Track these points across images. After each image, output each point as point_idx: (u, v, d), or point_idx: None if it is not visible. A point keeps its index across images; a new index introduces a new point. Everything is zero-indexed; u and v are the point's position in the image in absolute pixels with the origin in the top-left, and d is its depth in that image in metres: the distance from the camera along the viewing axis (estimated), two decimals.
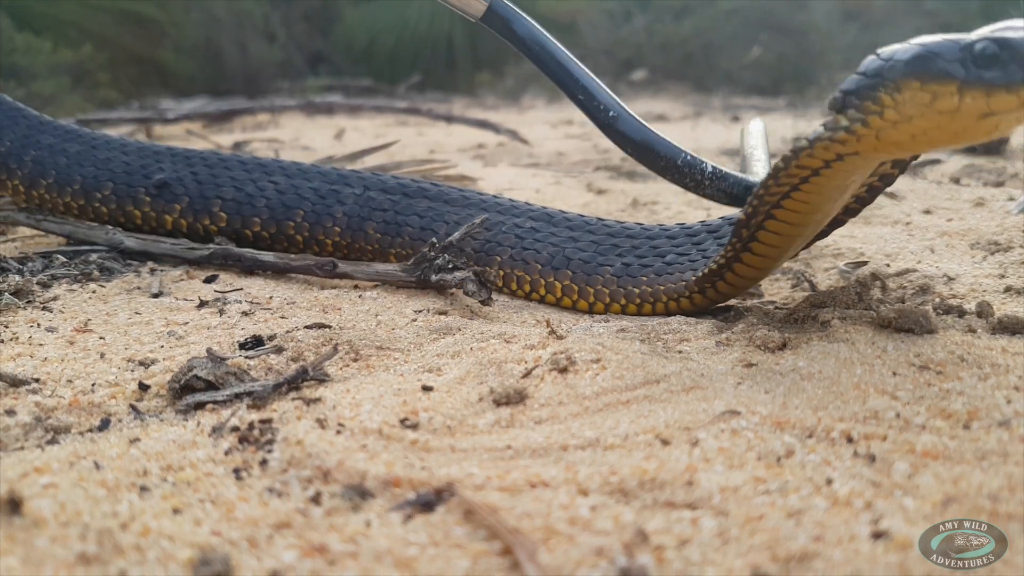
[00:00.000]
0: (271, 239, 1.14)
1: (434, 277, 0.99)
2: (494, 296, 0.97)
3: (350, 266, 1.04)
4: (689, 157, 0.92)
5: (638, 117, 0.94)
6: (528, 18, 0.97)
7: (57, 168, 1.16)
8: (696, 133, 3.00)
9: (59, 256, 1.07)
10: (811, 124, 3.23)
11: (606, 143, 2.84)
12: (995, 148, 2.12)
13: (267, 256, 1.08)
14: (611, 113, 0.93)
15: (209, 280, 1.04)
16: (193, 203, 1.14)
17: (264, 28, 4.87)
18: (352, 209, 1.12)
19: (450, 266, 0.99)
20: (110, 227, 1.14)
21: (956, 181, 1.80)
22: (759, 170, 1.07)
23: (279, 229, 1.13)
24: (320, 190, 1.13)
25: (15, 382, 0.69)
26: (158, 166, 1.16)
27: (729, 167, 2.14)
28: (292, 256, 1.07)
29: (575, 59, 0.97)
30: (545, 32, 0.98)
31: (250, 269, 1.08)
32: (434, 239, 1.02)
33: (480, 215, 1.06)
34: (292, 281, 1.05)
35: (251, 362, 0.75)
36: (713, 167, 0.94)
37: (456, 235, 1.02)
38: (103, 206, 1.16)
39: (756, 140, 1.18)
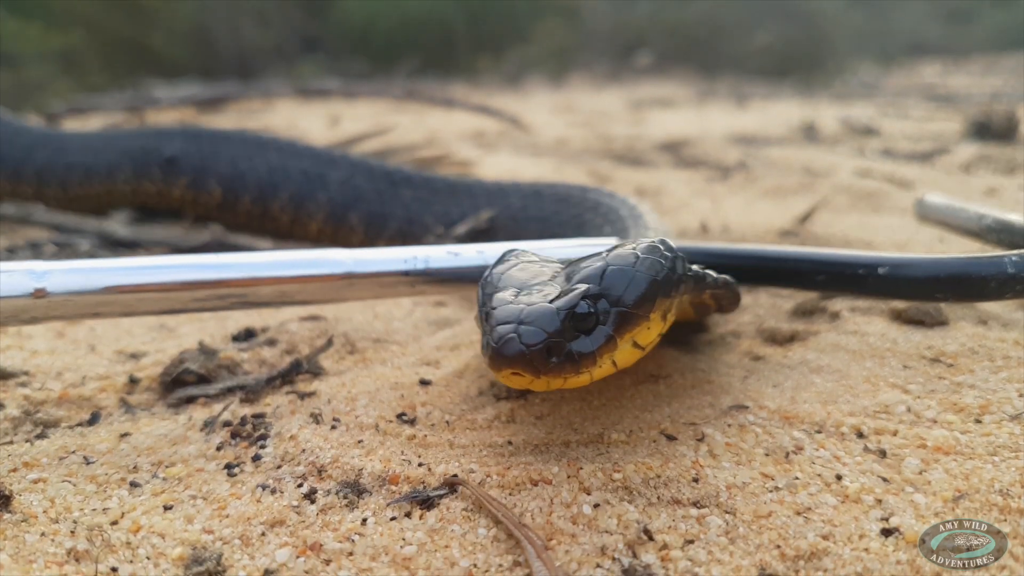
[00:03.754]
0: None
1: None
2: None
3: None
4: (1016, 258, 0.65)
5: (898, 255, 0.69)
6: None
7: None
8: (703, 119, 2.98)
9: (49, 245, 1.05)
10: (819, 110, 3.20)
11: (610, 130, 2.81)
12: (1006, 136, 2.10)
13: (263, 245, 1.07)
14: (880, 270, 0.66)
15: None
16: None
17: (257, 11, 4.84)
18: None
19: None
20: (101, 218, 1.16)
21: (967, 170, 1.78)
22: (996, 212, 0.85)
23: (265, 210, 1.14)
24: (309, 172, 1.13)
25: (4, 375, 0.68)
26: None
27: (735, 154, 2.11)
28: (287, 247, 1.06)
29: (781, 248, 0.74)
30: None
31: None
32: (441, 228, 1.01)
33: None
34: None
35: (243, 355, 0.73)
36: None
37: (461, 228, 1.01)
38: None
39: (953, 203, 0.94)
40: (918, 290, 0.67)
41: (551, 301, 0.47)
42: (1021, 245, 0.78)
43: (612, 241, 0.69)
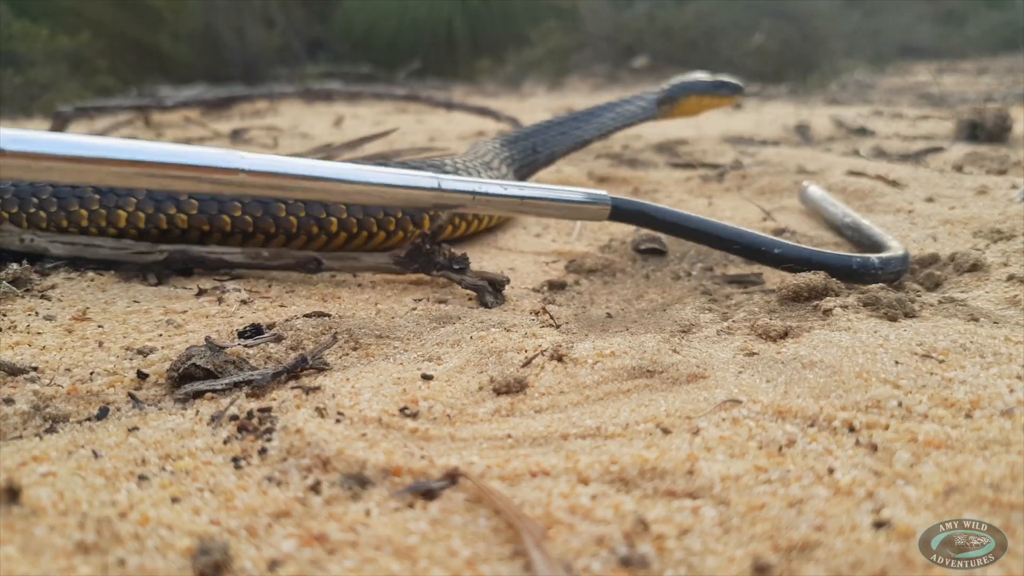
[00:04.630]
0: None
1: (435, 272, 0.98)
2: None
3: (335, 261, 0.98)
4: (859, 260, 0.94)
5: (796, 244, 0.98)
6: (654, 205, 1.01)
7: None
8: (698, 120, 2.98)
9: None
10: (813, 111, 3.22)
11: None
12: (998, 136, 2.11)
13: (236, 256, 0.98)
14: (776, 251, 0.96)
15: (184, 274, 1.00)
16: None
17: (262, 14, 4.85)
18: None
19: (455, 267, 0.98)
20: (27, 232, 1.01)
21: (959, 169, 1.79)
22: (872, 228, 1.14)
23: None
24: None
25: (13, 371, 0.69)
26: None
27: (730, 154, 2.13)
28: (266, 253, 0.99)
29: (714, 220, 1.01)
30: (674, 210, 1.02)
31: (215, 269, 0.99)
32: (426, 229, 1.02)
33: None
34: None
35: (250, 351, 0.74)
36: (878, 258, 0.95)
37: (436, 225, 1.03)
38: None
39: (837, 205, 1.29)
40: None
41: None
42: (866, 244, 1.10)
43: None
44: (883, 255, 0.96)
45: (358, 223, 1.09)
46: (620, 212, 0.97)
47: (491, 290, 0.95)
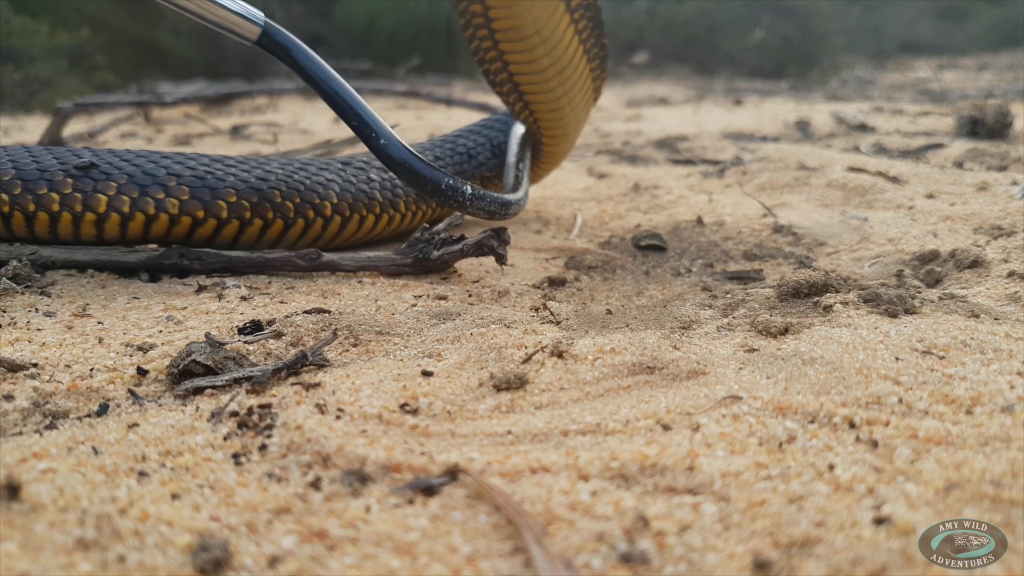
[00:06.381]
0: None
1: (436, 253, 0.98)
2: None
3: (336, 255, 0.98)
4: (451, 181, 0.94)
5: (404, 143, 0.96)
6: (305, 47, 0.98)
7: None
8: (699, 116, 2.99)
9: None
10: (813, 107, 3.21)
11: (607, 127, 2.83)
12: (999, 132, 2.11)
13: (235, 253, 0.97)
14: (381, 141, 0.94)
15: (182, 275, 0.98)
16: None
17: (262, 10, 4.84)
18: None
19: (454, 237, 0.99)
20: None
21: (959, 165, 1.79)
22: (517, 184, 1.15)
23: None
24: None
25: (13, 367, 0.69)
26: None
27: (731, 151, 2.13)
28: (267, 251, 0.98)
29: (350, 88, 0.98)
30: (322, 61, 0.99)
31: (213, 270, 0.97)
32: (426, 223, 1.02)
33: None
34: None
35: (250, 347, 0.74)
36: (472, 189, 0.97)
37: (442, 224, 1.03)
38: None
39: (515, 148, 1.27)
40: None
41: None
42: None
43: None
44: (481, 191, 0.97)
45: (344, 209, 1.10)
46: (269, 40, 0.94)
47: (496, 237, 0.95)
